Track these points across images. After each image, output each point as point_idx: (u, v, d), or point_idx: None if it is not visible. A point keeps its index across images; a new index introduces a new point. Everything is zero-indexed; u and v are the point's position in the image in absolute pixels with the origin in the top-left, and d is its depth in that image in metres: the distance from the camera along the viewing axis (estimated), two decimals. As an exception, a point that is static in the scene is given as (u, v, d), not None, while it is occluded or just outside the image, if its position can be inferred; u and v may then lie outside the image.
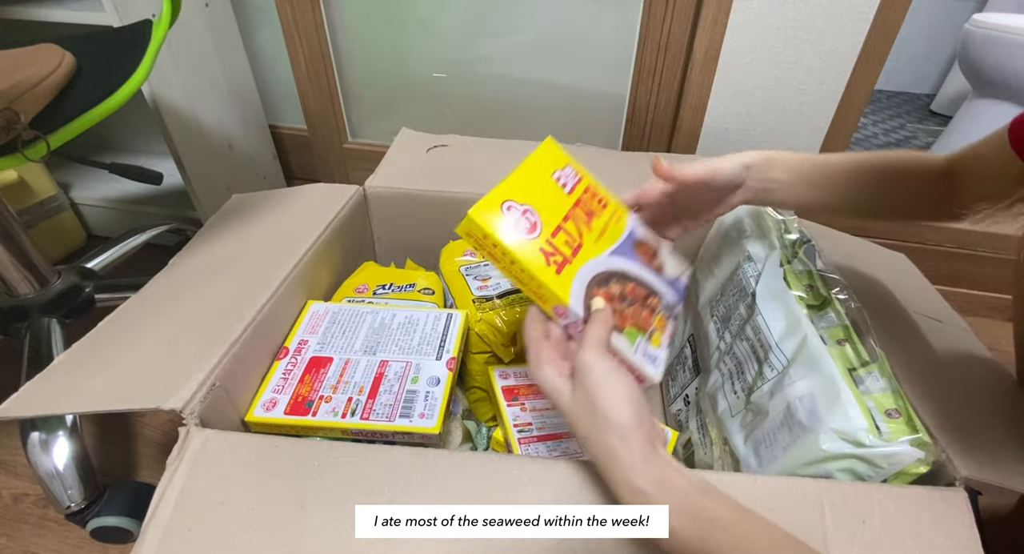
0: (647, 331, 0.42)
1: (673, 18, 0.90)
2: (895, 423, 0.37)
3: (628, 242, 0.45)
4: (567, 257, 0.40)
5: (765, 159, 0.49)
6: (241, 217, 0.63)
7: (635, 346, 0.40)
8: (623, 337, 0.40)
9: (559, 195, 0.43)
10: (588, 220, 0.43)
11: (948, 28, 2.21)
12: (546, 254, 0.39)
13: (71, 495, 0.55)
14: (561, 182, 0.44)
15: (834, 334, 0.45)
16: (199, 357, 0.40)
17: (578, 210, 0.43)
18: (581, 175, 0.46)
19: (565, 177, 0.44)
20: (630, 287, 0.43)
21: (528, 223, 0.40)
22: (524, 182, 0.42)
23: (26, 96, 0.50)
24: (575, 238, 0.42)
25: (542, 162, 0.44)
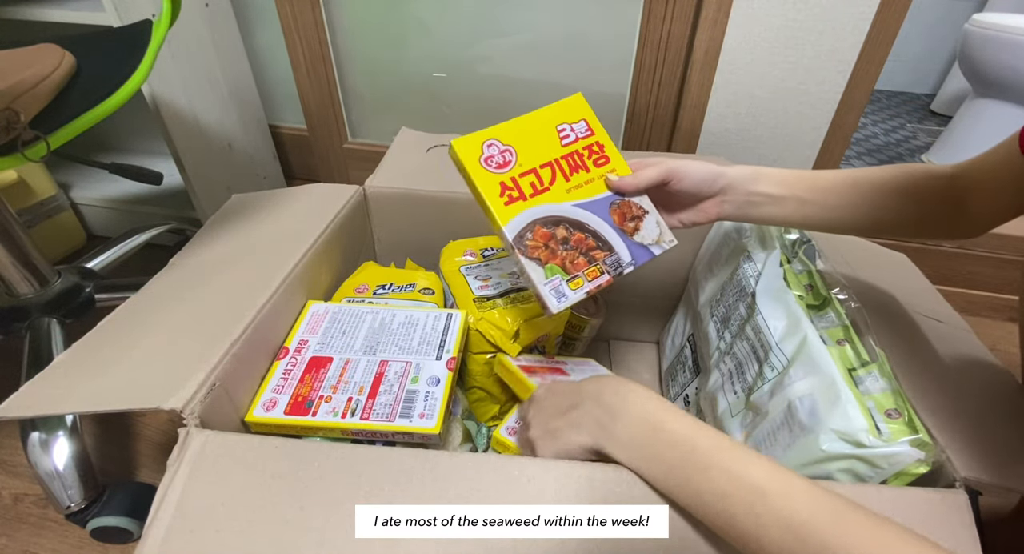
0: (570, 274, 0.46)
1: (673, 18, 0.90)
2: (895, 423, 0.37)
3: (605, 200, 0.48)
4: (524, 195, 0.46)
5: (750, 173, 0.48)
6: (241, 217, 0.63)
7: (549, 280, 0.45)
8: (542, 269, 0.45)
9: (551, 144, 0.49)
10: (570, 172, 0.48)
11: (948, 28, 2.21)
12: (504, 187, 0.46)
13: (71, 495, 0.55)
14: (564, 134, 0.50)
15: (834, 334, 0.45)
16: (199, 357, 0.40)
17: (564, 161, 0.49)
18: (594, 132, 0.51)
19: (573, 131, 0.50)
20: (578, 236, 0.47)
21: (501, 160, 0.47)
22: (522, 127, 0.49)
23: (26, 96, 0.50)
24: (543, 183, 0.47)
25: (555, 113, 0.50)
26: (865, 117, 2.12)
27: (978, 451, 0.37)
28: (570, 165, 0.49)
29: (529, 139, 0.49)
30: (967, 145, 1.60)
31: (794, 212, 0.48)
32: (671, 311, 0.79)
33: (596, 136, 0.50)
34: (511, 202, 0.46)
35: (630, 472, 0.36)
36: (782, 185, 0.47)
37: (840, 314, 0.47)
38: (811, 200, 0.47)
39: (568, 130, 0.50)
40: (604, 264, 0.46)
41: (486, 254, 0.66)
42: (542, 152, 0.48)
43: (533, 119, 0.50)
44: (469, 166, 0.46)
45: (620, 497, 0.35)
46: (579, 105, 0.51)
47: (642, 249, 0.48)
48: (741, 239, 0.59)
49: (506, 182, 0.47)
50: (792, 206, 0.47)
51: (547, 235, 0.46)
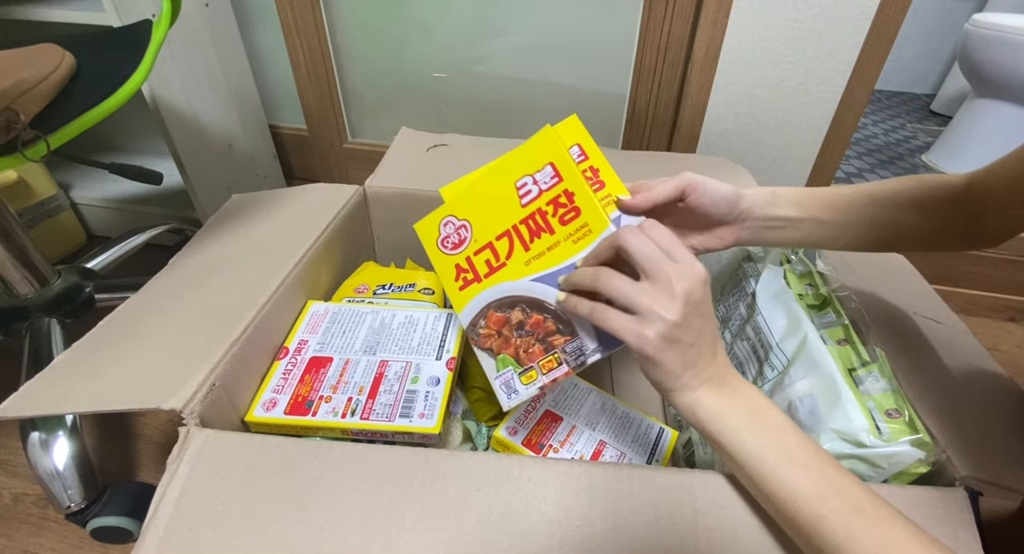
0: (523, 365, 0.40)
1: (673, 18, 0.90)
2: (895, 423, 0.37)
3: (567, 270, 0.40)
4: (479, 276, 0.42)
5: (768, 195, 0.44)
6: (241, 217, 0.63)
7: (500, 373, 0.41)
8: (493, 361, 0.41)
9: (511, 206, 0.42)
10: (530, 238, 0.41)
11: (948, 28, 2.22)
12: (459, 269, 0.43)
13: (71, 495, 0.55)
14: (523, 191, 0.42)
15: (834, 334, 0.45)
16: (199, 357, 0.40)
17: (523, 225, 0.41)
18: (562, 178, 0.41)
19: (536, 183, 0.42)
20: (535, 319, 0.40)
21: (457, 238, 0.44)
22: (482, 188, 0.44)
23: (26, 96, 0.50)
24: (499, 258, 0.42)
25: (520, 161, 0.43)
26: (865, 117, 2.12)
27: (978, 451, 0.37)
28: (530, 230, 0.41)
29: (486, 206, 0.43)
30: (967, 145, 1.60)
31: (811, 233, 0.45)
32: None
33: (565, 183, 0.40)
34: (466, 286, 0.43)
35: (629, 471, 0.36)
36: (799, 207, 0.45)
37: (840, 314, 0.47)
38: (828, 220, 0.45)
39: (529, 184, 0.41)
40: (563, 352, 0.39)
41: (486, 254, 0.66)
42: (499, 220, 0.42)
43: (496, 172, 0.43)
44: (428, 249, 0.45)
45: (620, 497, 0.35)
46: (548, 141, 0.42)
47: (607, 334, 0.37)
48: (741, 239, 0.59)
49: (461, 264, 0.43)
50: (809, 227, 0.45)
51: (501, 321, 0.41)
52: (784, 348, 0.46)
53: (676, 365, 0.34)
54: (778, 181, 0.97)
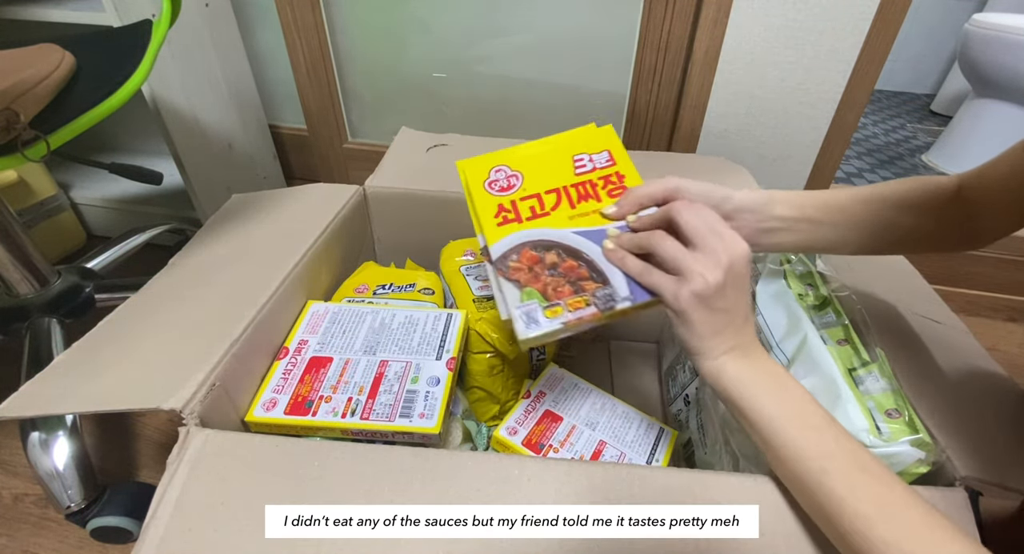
0: (549, 301, 0.40)
1: (673, 18, 0.90)
2: (895, 423, 0.37)
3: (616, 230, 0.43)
4: (520, 218, 0.44)
5: (763, 197, 0.45)
6: (241, 217, 0.63)
7: (524, 304, 0.40)
8: (519, 291, 0.40)
9: (564, 172, 0.46)
10: (578, 200, 0.44)
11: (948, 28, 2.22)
12: (501, 208, 0.45)
13: (71, 495, 0.55)
14: (580, 163, 0.46)
15: (834, 334, 0.45)
16: (199, 357, 0.40)
17: (573, 189, 0.45)
18: (615, 163, 0.46)
19: (592, 160, 0.47)
20: (569, 263, 0.42)
21: (506, 184, 0.46)
22: (537, 151, 0.47)
23: (26, 96, 0.50)
24: (543, 208, 0.44)
25: (576, 140, 0.48)
26: (865, 117, 2.12)
27: (978, 451, 0.38)
28: (579, 194, 0.45)
29: (540, 166, 0.46)
30: (967, 145, 1.60)
31: (808, 236, 0.45)
32: (671, 311, 0.79)
33: (617, 166, 0.46)
34: (504, 223, 0.44)
35: (629, 471, 0.36)
36: (794, 207, 0.45)
37: (840, 314, 0.47)
38: (826, 221, 0.45)
39: (586, 160, 0.47)
40: (593, 296, 0.40)
41: (486, 254, 0.66)
42: (551, 179, 0.46)
43: (550, 144, 0.47)
44: (473, 186, 0.46)
45: (620, 497, 0.35)
46: (606, 136, 0.48)
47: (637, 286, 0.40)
48: (741, 239, 0.59)
49: (504, 204, 0.45)
50: (805, 229, 0.45)
51: (534, 258, 0.42)
52: (784, 348, 0.46)
53: (706, 328, 0.36)
54: (778, 181, 0.97)
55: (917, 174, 1.64)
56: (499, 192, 0.45)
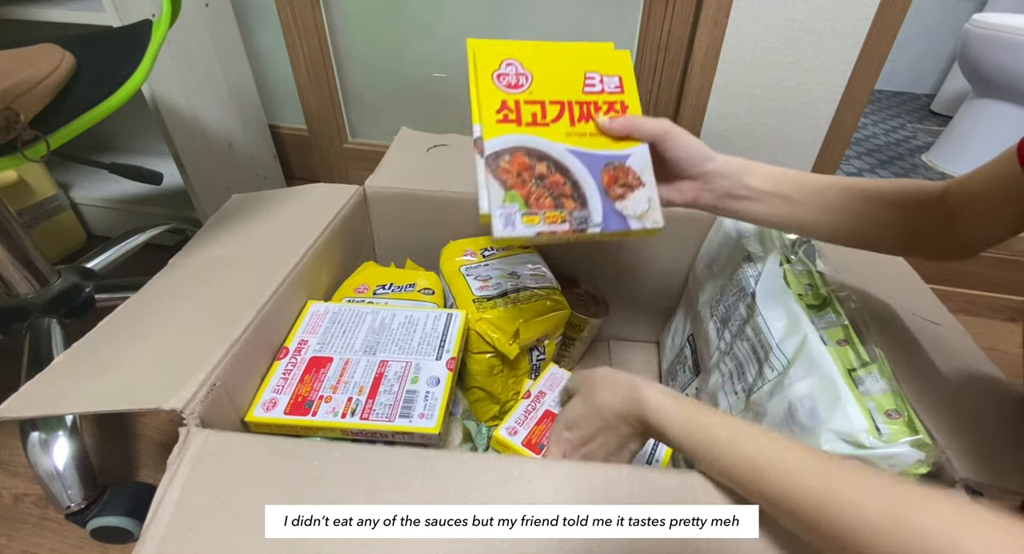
0: (529, 209, 0.41)
1: (673, 18, 0.90)
2: (895, 424, 0.37)
3: (602, 158, 0.44)
4: (520, 121, 0.44)
5: (740, 165, 0.46)
6: (241, 217, 0.63)
7: (505, 204, 0.41)
8: (504, 192, 0.41)
9: (573, 86, 0.46)
10: (579, 118, 0.45)
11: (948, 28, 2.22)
12: (504, 105, 0.44)
13: (71, 495, 0.55)
14: (590, 82, 0.46)
15: (834, 334, 0.45)
16: (199, 357, 0.40)
17: (577, 106, 0.45)
18: (624, 91, 0.47)
19: (602, 82, 0.47)
20: (556, 178, 0.43)
21: (514, 81, 0.45)
22: (551, 55, 0.46)
23: (26, 96, 0.50)
24: (543, 118, 0.44)
25: (592, 57, 0.47)
26: (865, 117, 2.12)
27: (977, 452, 0.38)
28: (582, 112, 0.45)
29: (551, 72, 0.46)
30: (967, 145, 1.60)
31: (777, 211, 0.46)
32: (671, 311, 0.79)
33: (624, 95, 0.47)
34: (505, 122, 0.44)
35: (629, 472, 0.36)
36: (769, 181, 0.45)
37: (840, 314, 0.47)
38: (798, 200, 0.45)
39: (597, 80, 0.47)
40: (570, 215, 0.42)
41: (486, 254, 0.66)
42: (559, 89, 0.46)
43: (565, 51, 0.47)
44: (481, 73, 0.45)
45: (620, 497, 0.35)
46: (622, 61, 0.48)
47: (619, 217, 0.42)
48: (741, 239, 0.59)
49: (508, 102, 0.44)
50: (777, 204, 0.45)
51: (525, 165, 0.43)
52: (784, 348, 0.46)
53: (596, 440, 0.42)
54: (778, 181, 0.97)
55: (917, 174, 1.64)
56: (506, 88, 0.45)
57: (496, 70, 0.45)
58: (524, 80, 0.45)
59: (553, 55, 0.47)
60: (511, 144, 0.43)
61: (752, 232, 0.59)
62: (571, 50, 0.47)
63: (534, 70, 0.46)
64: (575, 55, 0.47)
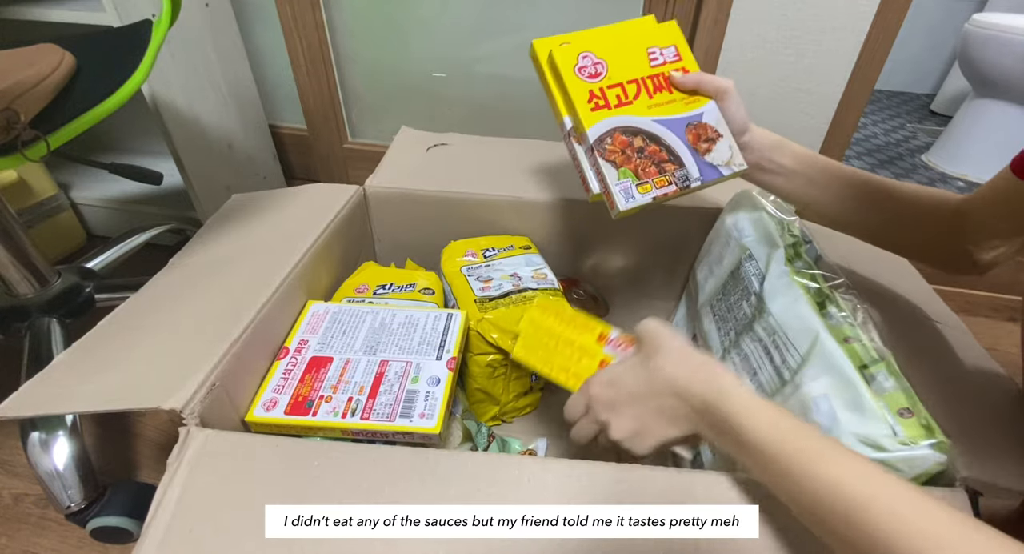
0: (640, 179, 0.49)
1: (673, 18, 0.90)
2: (909, 422, 0.37)
3: (683, 120, 0.51)
4: (609, 105, 0.50)
5: (775, 140, 0.51)
6: (241, 217, 0.63)
7: (620, 181, 0.48)
8: (616, 171, 0.49)
9: (640, 63, 0.52)
10: (654, 91, 0.52)
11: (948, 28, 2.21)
12: (592, 95, 0.50)
13: (71, 495, 0.55)
14: (653, 56, 0.53)
15: (841, 332, 0.45)
16: (199, 357, 0.40)
17: (650, 80, 0.52)
18: (682, 58, 0.54)
19: (663, 54, 0.53)
20: (652, 148, 0.50)
21: (593, 71, 0.51)
22: (614, 40, 0.53)
23: (26, 96, 0.50)
24: (627, 97, 0.51)
25: (647, 33, 0.54)
26: (865, 117, 2.12)
27: (978, 452, 0.37)
28: (655, 85, 0.52)
29: (620, 55, 0.52)
30: (967, 145, 1.60)
31: (799, 189, 0.50)
32: (672, 309, 0.79)
33: (683, 62, 0.53)
34: (597, 109, 0.50)
35: (629, 471, 0.36)
36: (797, 160, 0.50)
37: (846, 313, 0.46)
38: (820, 182, 0.48)
39: (658, 53, 0.53)
40: (673, 176, 0.49)
41: (487, 254, 0.66)
42: (630, 69, 0.52)
43: (623, 33, 0.53)
44: (564, 70, 0.50)
45: (620, 497, 0.35)
46: (672, 31, 0.54)
47: (711, 168, 0.50)
48: (742, 239, 0.59)
49: (595, 91, 0.50)
50: (799, 183, 0.49)
51: (625, 142, 0.49)
52: (798, 347, 0.45)
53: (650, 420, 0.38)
54: (778, 181, 0.97)
55: (917, 174, 1.64)
56: (588, 79, 0.51)
57: (576, 65, 0.51)
58: (601, 68, 0.51)
59: (615, 39, 0.53)
60: (608, 127, 0.49)
61: (751, 232, 0.59)
62: (626, 31, 0.54)
63: (606, 57, 0.52)
64: (632, 35, 0.53)
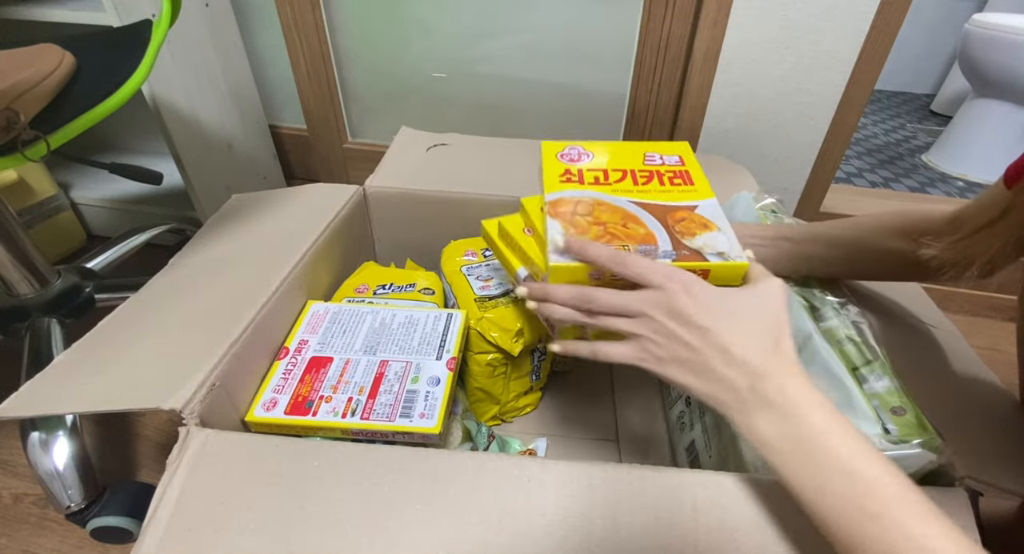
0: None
1: (673, 18, 0.90)
2: (902, 420, 0.37)
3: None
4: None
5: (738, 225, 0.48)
6: (241, 217, 0.63)
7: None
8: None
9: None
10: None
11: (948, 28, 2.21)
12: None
13: (71, 495, 0.55)
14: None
15: (835, 334, 0.45)
16: (199, 357, 0.40)
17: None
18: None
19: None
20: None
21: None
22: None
23: (26, 96, 0.50)
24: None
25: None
26: (865, 117, 2.12)
27: (978, 452, 0.37)
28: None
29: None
30: (967, 145, 1.60)
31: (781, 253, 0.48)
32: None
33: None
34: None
35: (629, 471, 0.36)
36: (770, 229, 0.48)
37: (839, 314, 0.47)
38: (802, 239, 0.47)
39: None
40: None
41: (487, 254, 0.66)
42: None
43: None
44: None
45: (620, 496, 0.35)
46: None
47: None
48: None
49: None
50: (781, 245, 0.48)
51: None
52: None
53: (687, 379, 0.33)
54: (778, 181, 0.97)
55: (917, 174, 1.64)
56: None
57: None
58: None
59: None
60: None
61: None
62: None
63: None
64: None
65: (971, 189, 1.53)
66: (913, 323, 0.51)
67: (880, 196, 1.22)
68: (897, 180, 1.60)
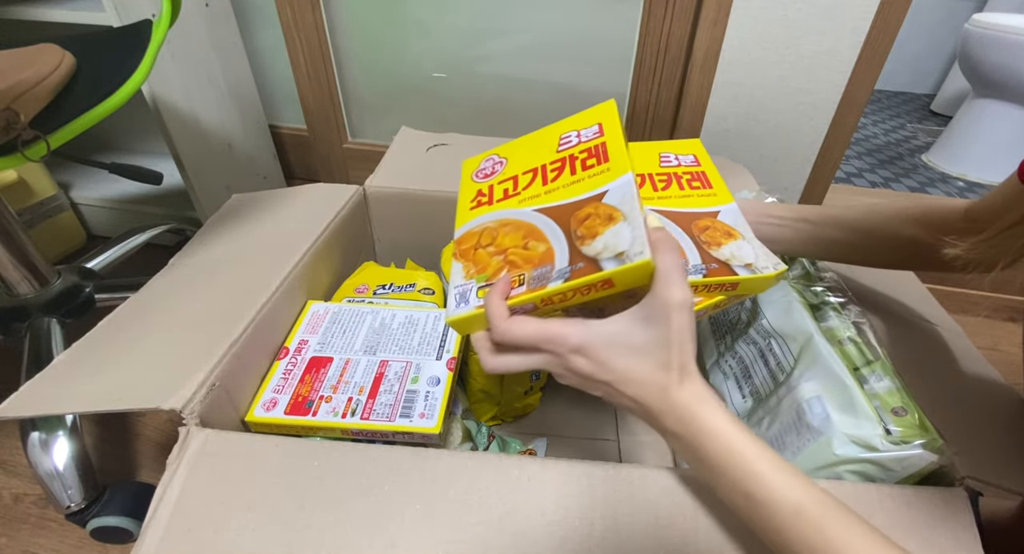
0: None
1: (673, 18, 0.90)
2: (903, 420, 0.37)
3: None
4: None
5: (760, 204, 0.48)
6: (241, 217, 0.63)
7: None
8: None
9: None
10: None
11: (948, 28, 2.22)
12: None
13: (71, 495, 0.55)
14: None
15: (836, 334, 0.45)
16: (199, 357, 0.40)
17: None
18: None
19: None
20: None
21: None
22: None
23: (26, 96, 0.50)
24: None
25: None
26: (865, 117, 2.12)
27: (978, 452, 0.37)
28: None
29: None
30: (967, 145, 1.60)
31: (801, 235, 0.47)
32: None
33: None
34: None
35: (629, 471, 0.36)
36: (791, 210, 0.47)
37: (840, 314, 0.47)
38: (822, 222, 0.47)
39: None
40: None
41: (486, 254, 0.66)
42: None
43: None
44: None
45: (620, 497, 0.35)
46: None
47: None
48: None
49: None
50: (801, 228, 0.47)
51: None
52: (791, 348, 0.46)
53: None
54: (778, 181, 0.97)
55: (917, 174, 1.64)
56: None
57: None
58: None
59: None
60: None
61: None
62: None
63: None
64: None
65: (971, 189, 1.53)
66: (915, 321, 0.51)
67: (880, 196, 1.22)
68: (897, 180, 1.60)
